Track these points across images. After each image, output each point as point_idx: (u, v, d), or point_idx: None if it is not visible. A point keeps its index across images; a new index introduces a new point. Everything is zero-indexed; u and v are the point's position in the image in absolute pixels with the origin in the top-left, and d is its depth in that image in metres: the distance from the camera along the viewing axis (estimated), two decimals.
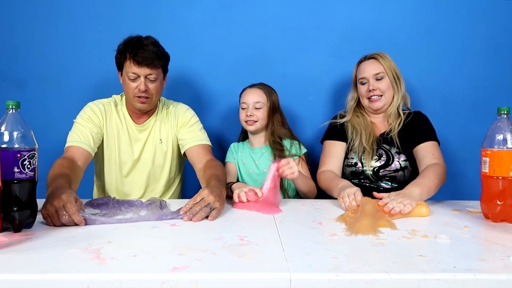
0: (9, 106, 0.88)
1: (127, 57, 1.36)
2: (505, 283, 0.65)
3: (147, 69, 1.36)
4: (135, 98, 1.40)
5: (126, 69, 1.38)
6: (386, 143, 1.47)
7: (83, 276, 0.64)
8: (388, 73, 1.49)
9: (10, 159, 0.85)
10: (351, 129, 1.52)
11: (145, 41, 1.38)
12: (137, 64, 1.35)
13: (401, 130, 1.47)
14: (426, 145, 1.40)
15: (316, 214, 1.10)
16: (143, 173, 1.51)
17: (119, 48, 1.40)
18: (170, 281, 0.64)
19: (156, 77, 1.39)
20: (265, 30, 1.83)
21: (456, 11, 1.83)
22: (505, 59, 1.85)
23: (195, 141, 1.47)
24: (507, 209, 0.99)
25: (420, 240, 0.86)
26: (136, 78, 1.37)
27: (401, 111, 1.52)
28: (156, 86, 1.41)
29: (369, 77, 1.50)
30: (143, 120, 1.50)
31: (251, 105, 1.54)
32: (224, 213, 1.10)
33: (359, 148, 1.47)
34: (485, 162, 1.03)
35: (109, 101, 1.51)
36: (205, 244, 0.80)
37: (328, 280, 0.65)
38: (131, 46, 1.36)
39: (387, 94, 1.50)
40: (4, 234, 0.85)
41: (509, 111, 1.02)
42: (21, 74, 1.80)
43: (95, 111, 1.44)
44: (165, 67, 1.46)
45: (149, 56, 1.35)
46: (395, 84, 1.50)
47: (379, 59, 1.50)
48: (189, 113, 1.54)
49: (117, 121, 1.48)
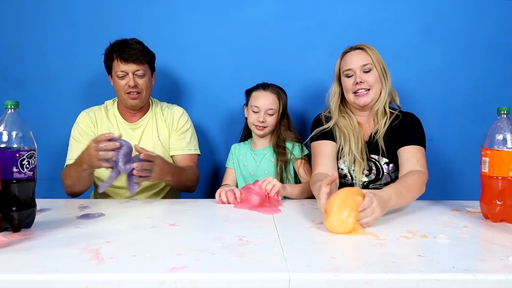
0: (8, 106, 0.88)
1: (114, 57, 1.45)
2: (504, 283, 0.65)
3: (134, 65, 1.44)
4: (126, 95, 1.47)
5: (115, 68, 1.46)
6: (373, 152, 1.37)
7: (82, 276, 0.64)
8: (376, 65, 1.36)
9: (9, 159, 0.85)
10: (339, 132, 1.40)
11: (130, 41, 1.47)
12: (124, 62, 1.43)
13: (387, 133, 1.36)
14: (412, 148, 1.29)
15: (315, 214, 1.09)
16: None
17: (106, 51, 1.49)
18: (168, 281, 0.64)
19: (144, 72, 1.47)
20: (265, 30, 1.82)
21: (456, 11, 1.83)
22: (505, 59, 1.84)
23: (183, 150, 1.56)
24: (507, 209, 0.99)
25: (419, 240, 0.86)
26: (125, 76, 1.45)
27: (387, 109, 1.39)
28: (145, 81, 1.48)
29: (356, 69, 1.36)
30: (136, 119, 1.56)
31: (264, 111, 1.50)
32: (224, 213, 1.11)
33: (349, 156, 1.37)
34: (485, 162, 1.03)
35: (99, 108, 1.58)
36: (204, 244, 0.80)
37: (327, 280, 0.65)
38: (117, 46, 1.45)
39: (375, 88, 1.37)
40: (3, 234, 0.86)
41: (509, 111, 1.02)
42: (21, 74, 1.80)
43: (86, 122, 1.51)
44: (151, 64, 1.53)
45: (134, 53, 1.43)
46: (383, 78, 1.37)
47: (367, 50, 1.38)
48: (184, 118, 1.59)
49: (108, 124, 1.53)
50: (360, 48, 1.40)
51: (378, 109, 1.39)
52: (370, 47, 1.39)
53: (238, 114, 1.77)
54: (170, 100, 1.70)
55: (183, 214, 1.10)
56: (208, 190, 1.88)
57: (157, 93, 1.71)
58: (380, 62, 1.38)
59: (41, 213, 1.05)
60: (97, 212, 1.09)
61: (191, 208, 1.16)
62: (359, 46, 1.41)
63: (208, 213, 1.15)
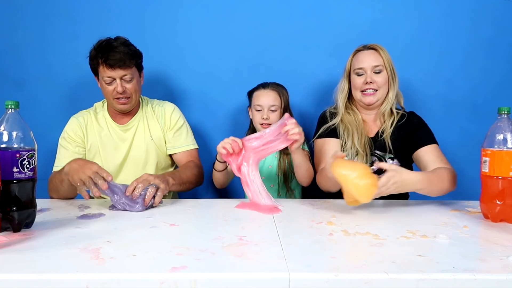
0: (8, 106, 0.88)
1: (99, 62, 1.39)
2: (504, 283, 0.65)
3: (121, 71, 1.39)
4: (115, 100, 1.43)
5: (101, 73, 1.41)
6: (379, 149, 1.41)
7: (82, 276, 0.64)
8: (386, 67, 1.41)
9: (9, 159, 0.85)
10: (343, 128, 1.44)
11: (115, 42, 1.40)
12: (110, 68, 1.38)
13: (393, 132, 1.40)
14: (431, 148, 1.34)
15: (315, 214, 1.10)
16: (135, 171, 1.51)
17: (90, 54, 1.43)
18: (168, 281, 0.64)
19: (132, 76, 1.42)
20: (265, 30, 1.82)
21: (456, 11, 1.83)
22: (505, 59, 1.84)
23: (181, 147, 1.55)
24: (507, 209, 0.99)
25: (419, 240, 0.86)
26: (112, 81, 1.41)
27: (394, 110, 1.45)
28: (133, 85, 1.44)
29: (367, 69, 1.41)
30: (126, 120, 1.53)
31: (266, 108, 1.52)
32: (224, 213, 1.10)
33: (351, 150, 1.40)
34: (485, 162, 1.03)
35: (88, 111, 1.55)
36: (204, 244, 0.80)
37: (327, 280, 0.65)
38: (102, 50, 1.38)
39: (382, 90, 1.42)
40: (3, 234, 0.86)
41: (509, 111, 1.02)
42: (21, 74, 1.80)
43: (74, 129, 1.49)
44: (139, 64, 1.48)
45: (120, 58, 1.37)
46: (391, 80, 1.43)
47: (379, 51, 1.42)
48: (176, 114, 1.57)
49: (98, 127, 1.51)
50: (373, 48, 1.44)
51: (385, 110, 1.44)
52: (382, 48, 1.43)
53: (238, 115, 1.78)
54: (170, 101, 1.69)
55: (183, 214, 1.10)
56: (208, 190, 1.88)
57: (155, 94, 1.71)
58: (390, 64, 1.43)
59: (41, 213, 1.05)
60: (97, 212, 1.09)
61: (191, 208, 1.16)
62: (372, 46, 1.44)
63: (208, 213, 1.15)
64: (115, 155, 1.51)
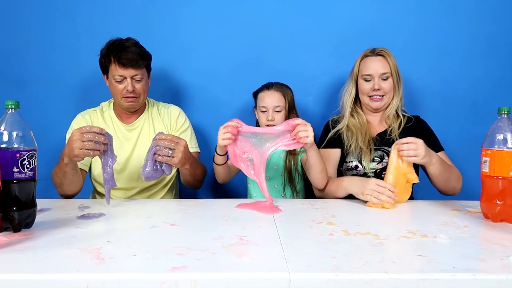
0: (8, 106, 0.88)
1: (111, 60, 1.42)
2: (504, 283, 0.65)
3: (133, 70, 1.42)
4: (123, 98, 1.46)
5: (112, 72, 1.43)
6: (386, 145, 1.43)
7: (83, 276, 0.64)
8: (393, 73, 1.46)
9: (10, 159, 0.85)
10: (347, 132, 1.48)
11: (127, 43, 1.44)
12: (123, 66, 1.41)
13: (401, 133, 1.44)
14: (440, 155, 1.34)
15: (315, 214, 1.10)
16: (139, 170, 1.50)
17: (102, 52, 1.46)
18: (169, 281, 0.64)
19: (142, 76, 1.46)
20: (265, 30, 1.83)
21: (456, 11, 1.83)
22: (505, 59, 1.84)
23: None
24: (507, 209, 0.99)
25: (419, 240, 0.86)
26: (123, 80, 1.44)
27: (400, 113, 1.50)
28: (142, 85, 1.47)
29: (375, 76, 1.45)
30: (132, 120, 1.55)
31: (271, 109, 1.52)
32: (224, 213, 1.10)
33: (355, 150, 1.43)
34: (485, 162, 1.03)
35: (95, 110, 1.57)
36: (204, 244, 0.80)
37: (328, 280, 0.65)
38: (114, 49, 1.42)
39: (389, 95, 1.47)
40: (4, 234, 0.86)
41: (509, 111, 1.02)
42: (21, 74, 1.80)
43: (81, 124, 1.49)
44: (148, 66, 1.52)
45: (133, 58, 1.41)
46: (397, 85, 1.47)
47: (387, 58, 1.46)
48: (182, 117, 1.60)
49: (103, 125, 1.52)
50: (381, 54, 1.47)
51: (390, 113, 1.48)
52: (390, 55, 1.47)
53: (239, 115, 1.78)
54: (171, 101, 1.70)
55: (183, 214, 1.10)
56: (208, 190, 1.88)
57: (157, 94, 1.71)
58: (397, 70, 1.47)
59: (41, 213, 1.05)
60: (97, 212, 1.09)
61: (191, 208, 1.16)
62: (380, 53, 1.47)
63: (208, 213, 1.15)
64: (120, 153, 1.50)
